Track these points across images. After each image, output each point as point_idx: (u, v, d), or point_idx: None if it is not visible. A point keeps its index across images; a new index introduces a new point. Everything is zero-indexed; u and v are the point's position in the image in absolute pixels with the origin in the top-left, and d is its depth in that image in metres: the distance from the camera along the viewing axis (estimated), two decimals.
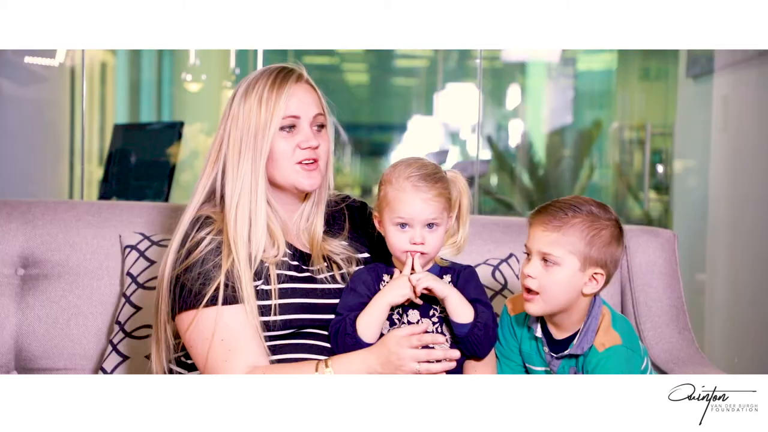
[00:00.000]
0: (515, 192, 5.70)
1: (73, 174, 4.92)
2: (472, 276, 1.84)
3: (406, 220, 1.77)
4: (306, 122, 1.85)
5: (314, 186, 1.87)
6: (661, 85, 5.36)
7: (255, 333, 1.75)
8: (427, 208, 1.76)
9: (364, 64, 7.00)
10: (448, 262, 1.87)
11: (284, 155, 1.83)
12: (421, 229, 1.77)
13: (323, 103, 1.90)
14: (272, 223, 1.85)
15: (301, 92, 1.85)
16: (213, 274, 1.76)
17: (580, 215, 1.70)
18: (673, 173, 4.79)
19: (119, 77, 5.97)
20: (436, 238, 1.79)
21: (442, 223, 1.79)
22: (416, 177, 1.77)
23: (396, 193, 1.77)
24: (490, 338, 1.78)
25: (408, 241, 1.77)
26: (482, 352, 1.79)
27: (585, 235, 1.69)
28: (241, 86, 1.86)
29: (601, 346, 1.72)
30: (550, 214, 1.71)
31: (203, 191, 1.86)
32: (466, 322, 1.76)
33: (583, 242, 1.69)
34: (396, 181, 1.78)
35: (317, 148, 1.85)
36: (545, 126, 6.12)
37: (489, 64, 5.93)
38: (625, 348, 1.72)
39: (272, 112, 1.81)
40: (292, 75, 1.85)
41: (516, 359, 1.84)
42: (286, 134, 1.84)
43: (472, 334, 1.76)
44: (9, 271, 2.17)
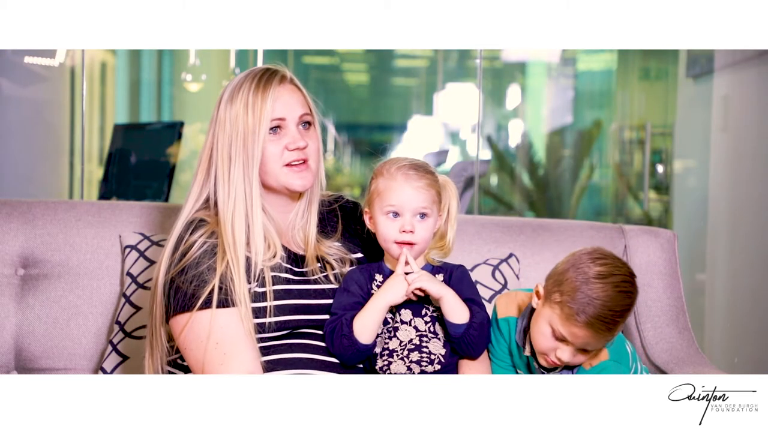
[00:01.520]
0: (515, 192, 5.70)
1: (73, 174, 4.92)
2: (464, 275, 1.84)
3: (396, 208, 1.78)
4: (292, 123, 1.84)
5: (306, 186, 1.87)
6: (661, 85, 5.36)
7: (249, 336, 1.75)
8: (417, 196, 1.78)
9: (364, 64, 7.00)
10: (440, 262, 1.87)
11: (273, 158, 1.83)
12: (411, 218, 1.78)
13: (309, 101, 1.89)
14: (267, 226, 1.85)
15: (285, 94, 1.84)
16: (207, 276, 1.76)
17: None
18: (673, 173, 4.79)
19: (119, 77, 5.98)
20: (426, 229, 1.79)
21: (431, 215, 1.80)
22: (407, 167, 1.80)
23: (387, 183, 1.80)
24: (485, 338, 1.79)
25: (398, 229, 1.78)
26: (477, 352, 1.79)
27: None
28: (226, 91, 1.85)
29: (588, 365, 1.73)
30: None
31: (195, 199, 1.85)
32: (461, 323, 1.76)
33: None
34: (387, 172, 1.81)
35: (305, 148, 1.85)
36: (545, 126, 6.13)
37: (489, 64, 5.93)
38: (611, 362, 1.73)
39: (259, 117, 1.80)
40: (275, 77, 1.84)
41: (506, 360, 1.84)
42: (273, 136, 1.83)
43: (467, 335, 1.76)
44: (9, 271, 2.17)
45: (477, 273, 2.16)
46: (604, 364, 1.73)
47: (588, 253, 1.69)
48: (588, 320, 1.63)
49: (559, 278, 1.68)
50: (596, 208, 5.66)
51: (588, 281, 1.64)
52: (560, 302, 1.65)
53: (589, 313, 1.62)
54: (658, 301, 2.20)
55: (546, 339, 1.69)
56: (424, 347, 1.79)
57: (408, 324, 1.80)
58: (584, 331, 1.64)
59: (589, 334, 1.64)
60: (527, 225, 2.29)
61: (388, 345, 1.80)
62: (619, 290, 1.64)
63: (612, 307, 1.63)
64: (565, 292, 1.65)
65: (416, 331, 1.80)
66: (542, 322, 1.69)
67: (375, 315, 1.77)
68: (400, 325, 1.80)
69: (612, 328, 1.64)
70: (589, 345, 1.67)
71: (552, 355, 1.69)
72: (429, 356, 1.79)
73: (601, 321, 1.63)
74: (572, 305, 1.63)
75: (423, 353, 1.79)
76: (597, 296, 1.63)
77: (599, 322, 1.63)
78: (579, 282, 1.64)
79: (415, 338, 1.79)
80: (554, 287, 1.68)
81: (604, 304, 1.63)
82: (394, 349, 1.79)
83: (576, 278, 1.65)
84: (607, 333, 1.65)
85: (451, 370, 1.81)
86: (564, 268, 1.68)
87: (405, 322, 1.80)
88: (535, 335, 1.71)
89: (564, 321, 1.65)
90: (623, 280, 1.65)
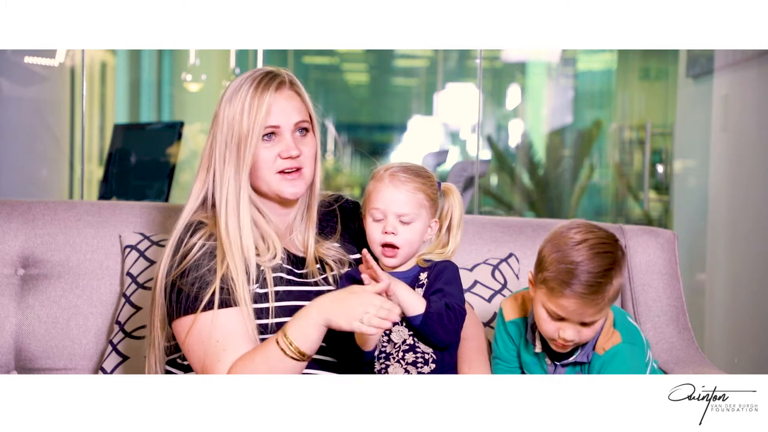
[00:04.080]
0: (515, 192, 5.70)
1: (73, 174, 4.92)
2: (445, 269, 1.83)
3: (380, 211, 1.79)
4: (287, 131, 1.83)
5: (297, 194, 1.85)
6: (661, 85, 5.36)
7: (250, 335, 1.75)
8: (401, 199, 1.77)
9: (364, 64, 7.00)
10: (430, 262, 1.86)
11: (265, 164, 1.82)
12: (394, 220, 1.78)
13: (308, 106, 1.87)
14: (265, 227, 1.84)
15: (282, 100, 1.83)
16: (208, 278, 1.76)
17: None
18: (673, 173, 4.79)
19: (119, 77, 5.98)
20: (410, 232, 1.79)
21: (417, 219, 1.79)
22: (396, 169, 1.80)
23: (374, 185, 1.80)
24: (445, 326, 1.76)
25: (381, 231, 1.78)
26: (438, 340, 1.77)
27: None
28: (227, 90, 1.84)
29: (601, 350, 1.72)
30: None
31: (196, 198, 1.85)
32: (415, 314, 1.76)
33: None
34: (378, 174, 1.81)
35: (298, 156, 1.83)
36: (545, 126, 6.13)
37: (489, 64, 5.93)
38: (626, 344, 1.72)
39: (253, 122, 1.79)
40: (274, 82, 1.82)
41: (512, 361, 1.83)
42: (266, 143, 1.82)
43: (424, 324, 1.76)
44: (9, 271, 2.17)
45: (477, 273, 2.16)
46: (617, 348, 1.71)
47: (563, 226, 1.69)
48: (572, 289, 1.62)
49: (541, 257, 1.68)
50: (596, 208, 5.67)
51: (564, 251, 1.64)
52: (545, 279, 1.65)
53: (570, 282, 1.62)
54: (658, 301, 2.20)
55: (546, 322, 1.68)
56: (418, 346, 1.79)
57: (400, 324, 1.80)
58: (571, 300, 1.63)
59: (578, 302, 1.63)
60: (527, 225, 2.30)
61: (385, 348, 1.80)
62: (596, 252, 1.63)
63: (591, 270, 1.62)
64: (546, 268, 1.65)
65: (409, 330, 1.80)
66: (538, 306, 1.69)
67: None
68: (393, 327, 1.79)
69: (598, 292, 1.62)
70: (585, 315, 1.65)
71: (558, 338, 1.68)
72: (423, 356, 1.79)
73: (584, 286, 1.62)
74: (554, 278, 1.63)
75: (417, 353, 1.79)
76: (574, 262, 1.62)
77: (582, 287, 1.62)
78: (557, 254, 1.64)
79: (409, 338, 1.79)
80: (538, 267, 1.69)
81: (583, 269, 1.62)
82: (389, 352, 1.80)
83: (554, 251, 1.65)
84: (595, 298, 1.63)
85: (451, 371, 1.81)
86: (543, 247, 1.69)
87: (397, 323, 1.79)
88: (538, 323, 1.71)
89: (551, 296, 1.65)
90: (599, 242, 1.65)
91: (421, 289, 1.82)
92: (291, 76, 1.87)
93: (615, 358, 1.70)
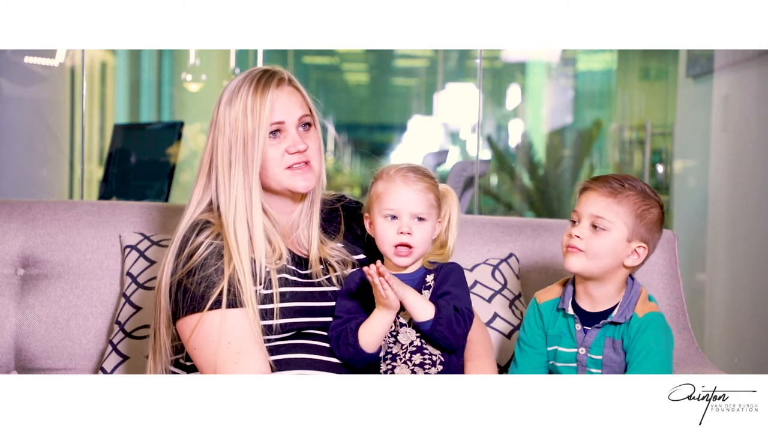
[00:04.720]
0: (515, 192, 5.70)
1: (73, 174, 4.92)
2: (452, 271, 1.84)
3: (394, 211, 1.79)
4: (292, 126, 1.83)
5: (309, 187, 1.86)
6: (661, 85, 5.36)
7: (259, 337, 1.75)
8: (415, 198, 1.79)
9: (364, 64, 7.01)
10: (435, 264, 1.87)
11: (274, 162, 1.82)
12: (409, 220, 1.79)
13: (308, 102, 1.88)
14: (270, 229, 1.84)
15: (284, 96, 1.83)
16: (215, 278, 1.76)
17: (635, 190, 1.78)
18: (673, 173, 4.79)
19: (119, 77, 5.98)
20: (424, 232, 1.80)
21: (429, 219, 1.81)
22: (406, 170, 1.82)
23: (385, 185, 1.81)
24: (455, 330, 1.77)
25: (396, 231, 1.79)
26: (449, 345, 1.79)
27: (637, 208, 1.77)
28: (224, 93, 1.84)
29: (641, 312, 1.78)
30: (607, 182, 1.78)
31: (197, 204, 1.85)
32: (425, 320, 1.76)
33: (634, 214, 1.77)
34: (386, 175, 1.82)
35: (306, 150, 1.84)
36: (545, 126, 6.13)
37: (489, 64, 5.93)
38: (661, 315, 1.79)
39: (258, 122, 1.79)
40: (273, 79, 1.83)
41: (540, 348, 1.85)
42: (273, 140, 1.82)
43: (435, 330, 1.76)
44: (9, 271, 2.17)
45: (477, 273, 2.16)
46: (654, 314, 1.77)
47: None
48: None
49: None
50: None
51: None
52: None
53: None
54: (658, 301, 2.20)
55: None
56: (425, 348, 1.79)
57: (407, 326, 1.80)
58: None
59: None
60: (527, 225, 2.30)
61: (391, 349, 1.80)
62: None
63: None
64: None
65: (416, 332, 1.80)
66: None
67: (378, 327, 1.77)
68: (399, 329, 1.80)
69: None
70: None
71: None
72: (431, 357, 1.79)
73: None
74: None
75: (425, 355, 1.79)
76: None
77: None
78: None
79: (416, 340, 1.80)
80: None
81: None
82: (396, 353, 1.80)
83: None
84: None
85: (458, 373, 1.81)
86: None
87: (404, 325, 1.80)
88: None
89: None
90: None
91: (428, 292, 1.83)
92: (288, 73, 1.88)
93: (651, 324, 1.76)
